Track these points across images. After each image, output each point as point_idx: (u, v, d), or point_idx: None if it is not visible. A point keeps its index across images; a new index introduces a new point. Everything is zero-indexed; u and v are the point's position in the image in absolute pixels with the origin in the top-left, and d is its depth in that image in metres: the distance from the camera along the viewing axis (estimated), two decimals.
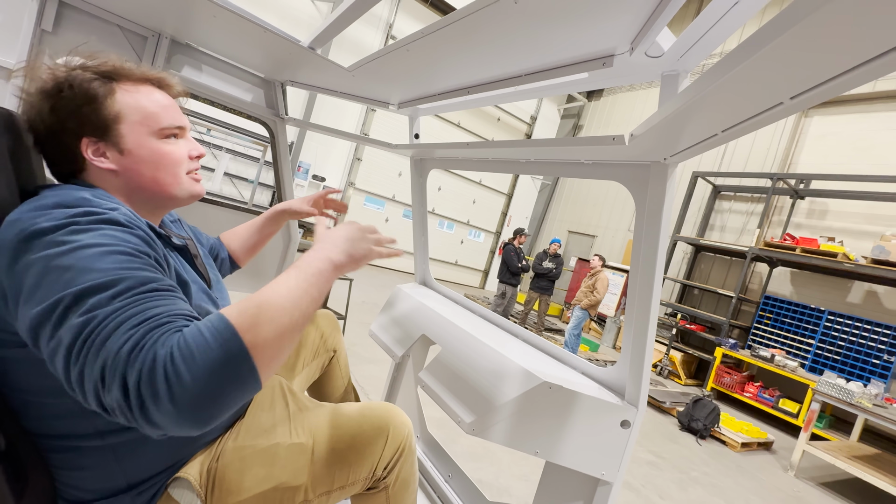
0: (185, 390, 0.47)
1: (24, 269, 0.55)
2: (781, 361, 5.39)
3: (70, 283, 0.52)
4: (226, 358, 0.49)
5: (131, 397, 0.47)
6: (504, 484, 2.41)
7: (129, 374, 0.47)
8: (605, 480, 1.00)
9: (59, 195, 0.62)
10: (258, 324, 0.52)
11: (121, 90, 0.71)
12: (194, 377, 0.47)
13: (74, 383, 0.50)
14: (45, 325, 0.51)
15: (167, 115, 0.74)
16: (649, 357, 0.95)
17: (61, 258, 0.54)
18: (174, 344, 0.49)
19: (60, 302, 0.51)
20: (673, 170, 0.87)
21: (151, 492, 0.73)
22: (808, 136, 7.32)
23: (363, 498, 0.94)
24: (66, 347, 0.50)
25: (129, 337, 0.49)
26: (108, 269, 0.54)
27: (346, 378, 1.39)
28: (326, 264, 0.65)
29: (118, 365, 0.47)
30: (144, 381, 0.47)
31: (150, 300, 0.53)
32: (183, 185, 0.77)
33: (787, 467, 3.95)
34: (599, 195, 10.73)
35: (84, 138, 0.68)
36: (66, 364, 0.50)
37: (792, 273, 6.86)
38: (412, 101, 1.55)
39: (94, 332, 0.49)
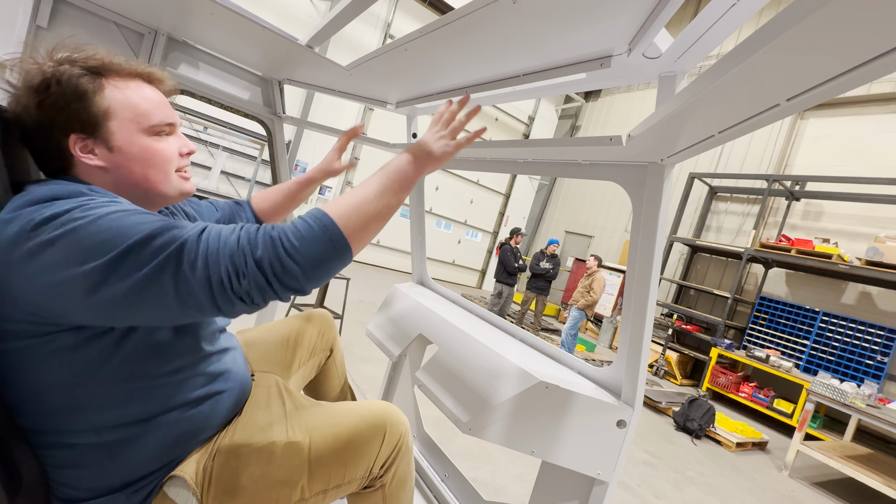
0: (303, 257, 0.59)
1: (45, 247, 0.57)
2: (776, 362, 5.42)
3: (125, 235, 0.57)
4: (330, 240, 0.61)
5: (267, 271, 0.58)
6: (500, 483, 2.41)
7: (260, 256, 0.58)
8: (601, 480, 1.01)
9: (53, 189, 0.62)
10: (348, 213, 0.64)
11: (110, 86, 0.69)
12: (305, 248, 0.59)
13: (197, 293, 0.58)
14: (118, 271, 0.57)
15: (158, 112, 0.73)
16: (645, 357, 0.95)
17: (93, 225, 0.57)
18: (285, 229, 0.60)
19: (131, 249, 0.57)
20: (670, 170, 0.87)
21: (146, 490, 0.73)
22: (804, 138, 7.37)
23: (360, 496, 0.94)
24: (174, 269, 0.57)
25: (238, 233, 0.60)
26: (151, 221, 0.60)
27: (343, 377, 1.39)
28: (407, 164, 0.74)
29: (245, 251, 0.58)
30: (272, 256, 0.58)
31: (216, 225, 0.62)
32: (173, 182, 0.76)
33: (782, 467, 3.97)
34: (597, 196, 10.75)
35: (72, 135, 0.67)
36: (179, 281, 0.57)
37: (787, 274, 6.90)
38: (410, 100, 1.55)
39: (201, 245, 0.58)
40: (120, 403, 0.67)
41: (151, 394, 0.70)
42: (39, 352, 0.61)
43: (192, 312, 0.60)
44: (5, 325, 0.60)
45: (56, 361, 0.61)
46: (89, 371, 0.64)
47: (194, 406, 0.77)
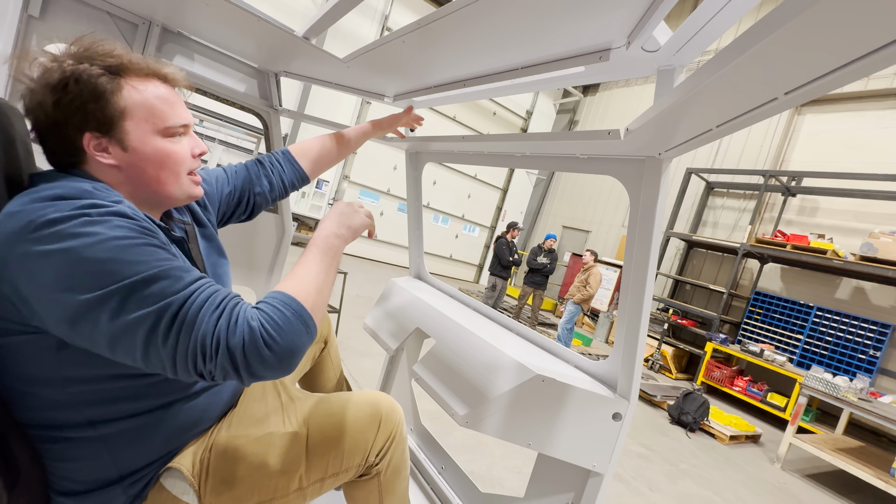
0: (282, 350, 0.60)
1: (39, 258, 0.56)
2: (770, 356, 5.48)
3: (117, 273, 0.57)
4: (301, 324, 0.63)
5: (238, 362, 0.58)
6: (497, 476, 2.43)
7: (234, 345, 0.58)
8: (596, 472, 1.02)
9: (60, 187, 0.61)
10: (311, 297, 0.67)
11: (128, 86, 0.69)
12: (284, 340, 0.61)
13: (161, 360, 0.58)
14: (97, 313, 0.56)
15: (173, 114, 0.73)
16: (641, 351, 0.96)
17: (91, 249, 0.56)
18: (259, 318, 0.61)
19: (116, 292, 0.56)
20: (667, 165, 0.87)
21: (143, 482, 0.73)
22: (801, 134, 7.38)
23: (356, 485, 0.95)
24: (146, 332, 0.57)
25: (219, 315, 0.59)
26: (149, 260, 0.59)
27: (338, 369, 1.40)
28: (336, 240, 0.80)
29: (220, 339, 0.58)
30: (250, 349, 0.58)
31: (208, 286, 0.63)
32: (183, 185, 0.77)
33: (774, 459, 4.03)
34: (594, 191, 10.76)
35: (87, 133, 0.67)
36: (149, 346, 0.58)
37: (782, 269, 6.95)
38: (407, 93, 1.54)
39: (179, 316, 0.58)
40: (114, 398, 0.67)
41: (146, 389, 0.70)
42: (27, 349, 0.60)
43: (156, 370, 0.60)
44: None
45: (44, 359, 0.61)
46: (78, 369, 0.63)
47: (191, 399, 0.77)
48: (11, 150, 0.68)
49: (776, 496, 3.33)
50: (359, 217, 0.86)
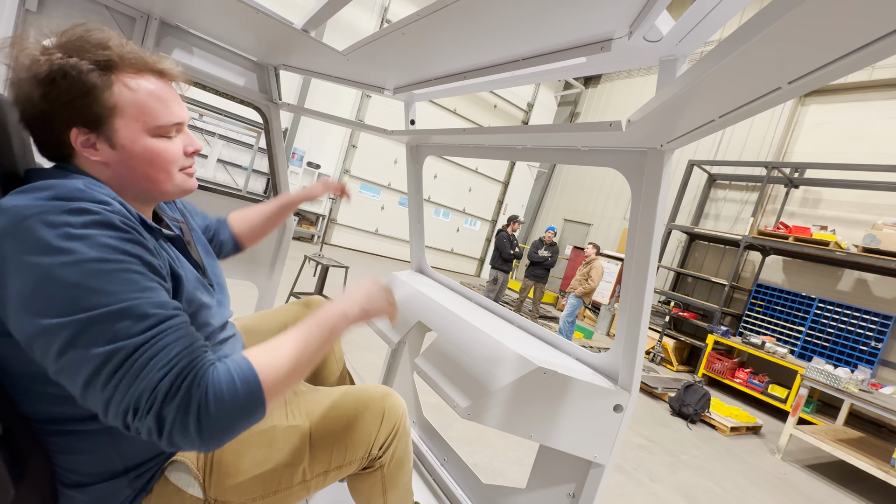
0: (213, 429, 0.56)
1: (14, 267, 0.54)
2: (772, 348, 5.48)
3: (79, 302, 0.54)
4: (249, 405, 0.59)
5: (164, 429, 0.54)
6: (499, 468, 2.45)
7: (166, 412, 0.54)
8: (597, 463, 1.02)
9: (56, 185, 0.60)
10: (278, 377, 0.62)
11: (119, 82, 0.66)
12: (221, 419, 0.56)
13: (96, 403, 0.55)
14: (50, 340, 0.54)
15: (166, 112, 0.70)
16: (643, 343, 0.96)
17: (62, 270, 0.54)
18: (208, 385, 0.56)
19: (72, 324, 0.53)
20: (669, 156, 0.87)
21: (148, 475, 0.74)
22: (804, 125, 7.33)
23: (359, 477, 0.96)
24: (90, 372, 0.54)
25: (164, 373, 0.54)
26: (118, 291, 0.56)
27: (341, 363, 1.40)
28: (342, 320, 0.74)
29: (156, 401, 0.53)
30: (179, 419, 0.54)
31: (171, 332, 0.58)
32: (175, 181, 0.74)
33: (775, 450, 4.05)
34: (595, 184, 10.72)
35: (74, 129, 0.65)
36: (88, 387, 0.54)
37: (784, 261, 6.93)
38: (408, 86, 1.53)
39: (125, 364, 0.54)
40: None
41: None
42: (18, 349, 0.59)
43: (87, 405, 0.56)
44: None
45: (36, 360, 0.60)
46: None
47: None
48: (7, 144, 0.67)
49: (776, 487, 3.35)
50: (379, 303, 0.80)
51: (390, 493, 1.00)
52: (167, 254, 0.72)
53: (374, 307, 0.79)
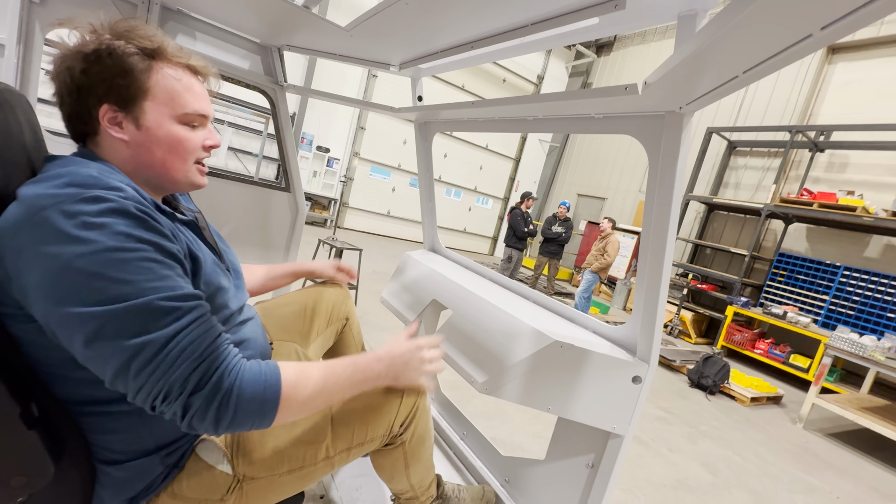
0: (226, 422, 0.62)
1: (33, 258, 0.56)
2: (794, 318, 5.38)
3: (103, 292, 0.56)
4: (262, 411, 0.64)
5: (187, 416, 0.60)
6: (517, 441, 2.50)
7: (193, 401, 0.59)
8: (616, 433, 1.03)
9: (70, 174, 0.61)
10: (296, 399, 0.68)
11: (157, 69, 0.71)
12: (236, 415, 0.62)
13: (127, 389, 0.59)
14: (76, 329, 0.56)
15: (194, 102, 0.75)
16: (661, 313, 0.94)
17: (82, 260, 0.55)
18: (235, 382, 0.62)
19: (98, 315, 0.56)
20: (689, 119, 0.83)
21: (179, 453, 0.76)
22: (831, 85, 6.96)
23: (382, 453, 0.98)
24: (120, 363, 0.57)
25: (195, 366, 0.60)
26: (138, 281, 0.58)
27: (360, 344, 1.42)
28: (375, 377, 0.81)
29: (184, 391, 0.59)
30: (202, 409, 0.60)
31: (197, 325, 0.62)
32: (188, 173, 0.77)
33: (796, 420, 4.02)
34: (609, 157, 10.46)
35: (105, 104, 0.69)
36: (119, 376, 0.58)
37: (808, 229, 6.72)
38: (413, 60, 1.49)
39: (157, 357, 0.58)
40: None
41: None
42: (42, 336, 0.62)
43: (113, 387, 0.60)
44: (11, 310, 0.61)
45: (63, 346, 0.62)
46: None
47: None
48: (21, 136, 0.68)
49: (798, 455, 3.34)
50: (413, 374, 0.87)
51: (412, 468, 1.03)
52: (184, 236, 0.73)
53: (407, 376, 0.86)
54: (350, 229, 9.70)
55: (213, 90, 0.82)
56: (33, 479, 0.61)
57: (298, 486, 0.85)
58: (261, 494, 0.81)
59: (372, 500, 1.28)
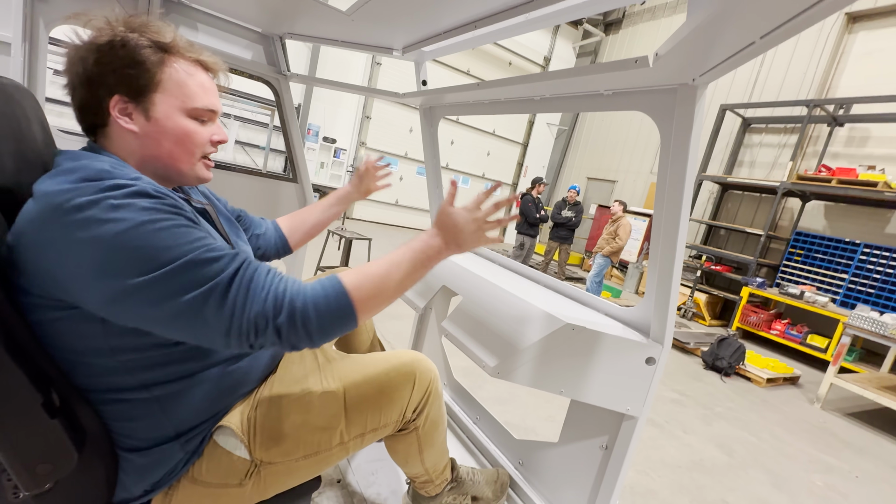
0: (318, 331, 0.66)
1: (67, 247, 0.57)
2: (811, 297, 5.27)
3: (154, 261, 0.59)
4: (340, 313, 0.68)
5: (283, 340, 0.65)
6: (530, 425, 2.51)
7: (281, 326, 0.64)
8: (630, 415, 1.02)
9: (82, 168, 0.63)
10: (367, 293, 0.70)
11: (169, 63, 0.72)
12: (323, 326, 0.66)
13: (214, 337, 0.63)
14: (140, 298, 0.59)
15: (204, 97, 0.76)
16: (675, 293, 0.93)
17: (123, 236, 0.58)
18: (304, 300, 0.65)
19: (159, 279, 0.59)
20: (702, 92, 0.80)
21: (198, 439, 0.78)
22: (851, 56, 6.69)
23: (396, 438, 0.99)
24: (197, 309, 0.60)
25: (266, 295, 0.64)
26: (181, 243, 0.61)
27: (371, 332, 1.43)
28: (436, 252, 0.79)
29: (269, 318, 0.63)
30: (291, 329, 0.64)
31: (248, 265, 0.65)
32: (195, 166, 0.78)
33: (814, 400, 3.97)
34: (619, 139, 10.26)
35: (116, 95, 0.69)
36: (198, 322, 0.61)
37: (826, 206, 6.54)
38: (416, 43, 1.46)
39: (229, 296, 0.62)
40: (163, 363, 0.71)
41: (192, 353, 0.74)
42: (71, 324, 0.63)
43: (203, 343, 0.64)
44: (36, 300, 0.62)
45: (90, 332, 0.64)
46: (125, 340, 0.66)
47: (234, 362, 0.81)
48: (29, 130, 0.68)
49: (815, 435, 3.31)
50: (474, 237, 0.80)
51: (426, 453, 1.04)
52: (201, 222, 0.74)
53: (469, 241, 0.80)
54: (359, 220, 9.72)
55: (224, 86, 0.83)
56: (59, 467, 0.63)
57: (314, 470, 0.87)
58: (278, 479, 0.83)
59: (388, 485, 1.30)
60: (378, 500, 1.25)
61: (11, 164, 0.63)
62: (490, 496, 1.24)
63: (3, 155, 0.63)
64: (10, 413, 0.57)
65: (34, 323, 0.63)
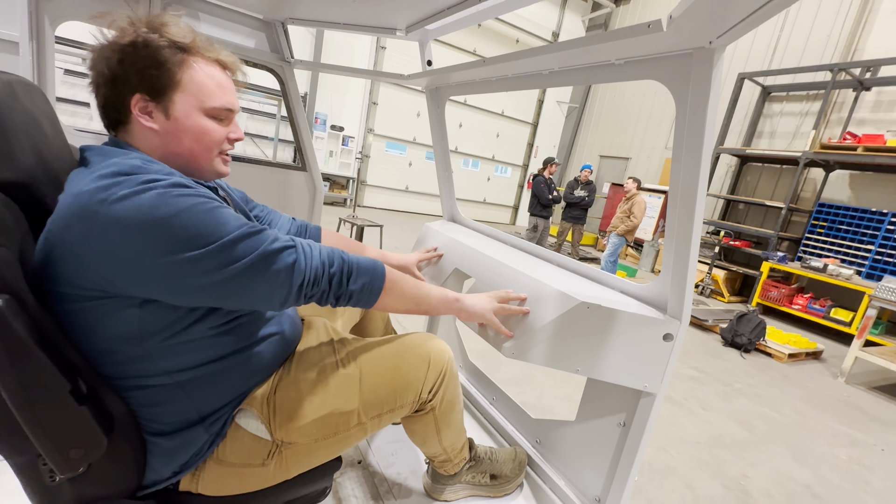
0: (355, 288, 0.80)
1: (126, 232, 0.60)
2: (835, 270, 5.13)
3: (219, 230, 0.65)
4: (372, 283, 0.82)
5: (332, 287, 0.78)
6: (547, 405, 2.52)
7: (334, 273, 0.78)
8: (647, 392, 1.01)
9: (114, 164, 0.65)
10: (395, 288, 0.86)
11: (189, 63, 0.74)
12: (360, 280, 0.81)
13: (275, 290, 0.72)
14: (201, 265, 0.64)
15: (222, 97, 0.78)
16: (693, 267, 0.90)
17: (179, 217, 0.62)
18: (352, 260, 0.81)
19: (227, 245, 0.66)
20: (720, 55, 0.76)
21: (221, 422, 0.80)
22: (879, 14, 6.33)
23: (413, 419, 1.00)
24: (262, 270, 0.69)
25: (319, 251, 0.77)
26: (226, 221, 0.67)
27: (386, 318, 1.44)
28: (456, 304, 0.98)
29: (325, 267, 0.77)
30: (339, 277, 0.78)
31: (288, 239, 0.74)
32: (213, 162, 0.81)
33: (837, 374, 3.90)
34: (633, 113, 9.99)
35: (137, 94, 0.71)
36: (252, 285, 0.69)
37: (851, 176, 6.29)
38: (420, 21, 1.43)
39: (288, 258, 0.72)
40: (187, 351, 0.73)
41: (215, 341, 0.76)
42: (109, 310, 0.65)
43: (257, 305, 0.73)
44: (77, 291, 0.64)
45: (124, 320, 0.66)
46: (156, 327, 0.69)
47: (254, 347, 0.82)
48: (40, 126, 0.69)
49: (839, 409, 3.26)
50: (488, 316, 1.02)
51: (444, 433, 1.05)
52: None
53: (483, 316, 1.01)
54: (369, 207, 9.74)
55: (241, 81, 0.85)
56: (89, 451, 0.65)
57: (334, 450, 0.88)
58: (299, 459, 0.85)
59: (408, 464, 1.33)
60: (398, 479, 1.27)
61: (25, 159, 0.64)
62: (508, 474, 1.26)
63: (16, 151, 0.63)
64: (40, 400, 0.59)
65: (61, 313, 0.65)
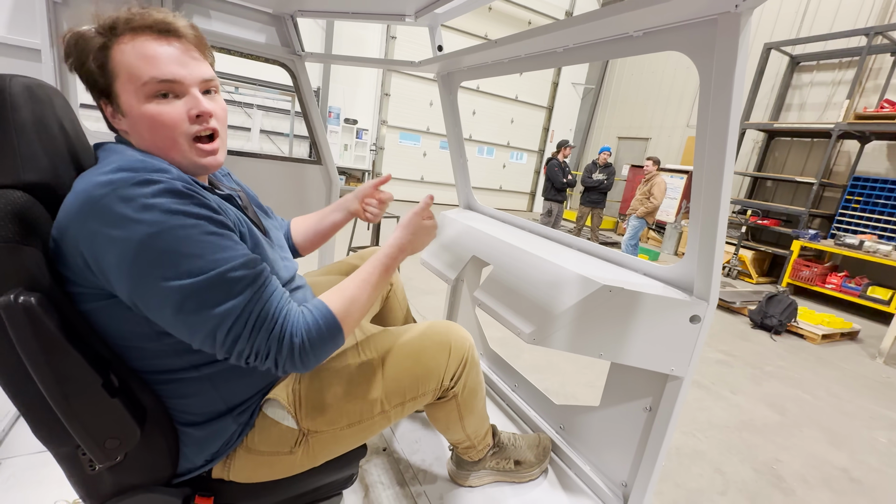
0: (310, 359, 0.70)
1: (104, 242, 0.59)
2: (872, 247, 4.89)
3: (177, 268, 0.60)
4: (332, 337, 0.72)
5: (279, 366, 0.69)
6: (570, 391, 2.51)
7: (279, 354, 0.67)
8: (674, 375, 0.99)
9: (117, 160, 0.64)
10: (349, 311, 0.75)
11: (116, 45, 0.66)
12: (317, 354, 0.71)
13: (217, 352, 0.66)
14: (160, 302, 0.61)
15: (151, 69, 0.65)
16: (721, 246, 0.87)
17: (151, 240, 0.58)
18: (303, 331, 0.69)
19: (179, 289, 0.60)
20: (747, 20, 0.71)
21: (249, 412, 0.82)
22: None
23: (436, 406, 1.01)
24: (207, 331, 0.63)
25: (272, 326, 0.66)
26: (206, 253, 0.62)
27: (405, 308, 1.44)
28: (397, 252, 0.87)
29: (271, 349, 0.67)
30: (289, 358, 0.68)
31: (266, 286, 0.68)
32: (185, 153, 0.71)
33: (876, 355, 3.74)
34: (652, 91, 9.66)
35: (101, 100, 0.69)
36: (206, 341, 0.64)
37: (889, 146, 5.95)
38: (429, 5, 1.40)
39: (237, 323, 0.64)
40: None
41: None
42: (119, 309, 0.66)
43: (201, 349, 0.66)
44: (82, 290, 0.65)
45: (136, 318, 0.67)
46: None
47: None
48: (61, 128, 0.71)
49: (878, 391, 3.13)
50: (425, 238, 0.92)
51: (466, 420, 1.05)
52: (230, 211, 0.75)
53: (423, 243, 0.92)
54: None
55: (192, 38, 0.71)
56: (124, 442, 0.68)
57: (359, 438, 0.90)
58: (326, 446, 0.86)
59: (432, 451, 1.34)
60: (423, 466, 1.29)
61: (47, 160, 0.66)
62: (533, 460, 1.25)
63: (39, 152, 0.65)
64: (74, 394, 0.61)
65: (85, 312, 0.67)
